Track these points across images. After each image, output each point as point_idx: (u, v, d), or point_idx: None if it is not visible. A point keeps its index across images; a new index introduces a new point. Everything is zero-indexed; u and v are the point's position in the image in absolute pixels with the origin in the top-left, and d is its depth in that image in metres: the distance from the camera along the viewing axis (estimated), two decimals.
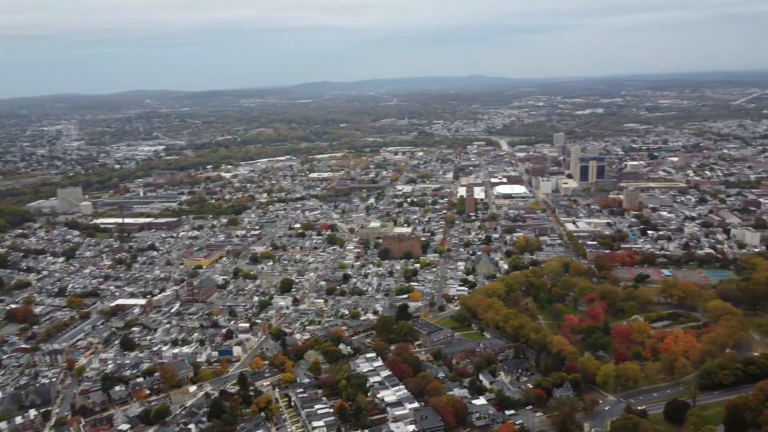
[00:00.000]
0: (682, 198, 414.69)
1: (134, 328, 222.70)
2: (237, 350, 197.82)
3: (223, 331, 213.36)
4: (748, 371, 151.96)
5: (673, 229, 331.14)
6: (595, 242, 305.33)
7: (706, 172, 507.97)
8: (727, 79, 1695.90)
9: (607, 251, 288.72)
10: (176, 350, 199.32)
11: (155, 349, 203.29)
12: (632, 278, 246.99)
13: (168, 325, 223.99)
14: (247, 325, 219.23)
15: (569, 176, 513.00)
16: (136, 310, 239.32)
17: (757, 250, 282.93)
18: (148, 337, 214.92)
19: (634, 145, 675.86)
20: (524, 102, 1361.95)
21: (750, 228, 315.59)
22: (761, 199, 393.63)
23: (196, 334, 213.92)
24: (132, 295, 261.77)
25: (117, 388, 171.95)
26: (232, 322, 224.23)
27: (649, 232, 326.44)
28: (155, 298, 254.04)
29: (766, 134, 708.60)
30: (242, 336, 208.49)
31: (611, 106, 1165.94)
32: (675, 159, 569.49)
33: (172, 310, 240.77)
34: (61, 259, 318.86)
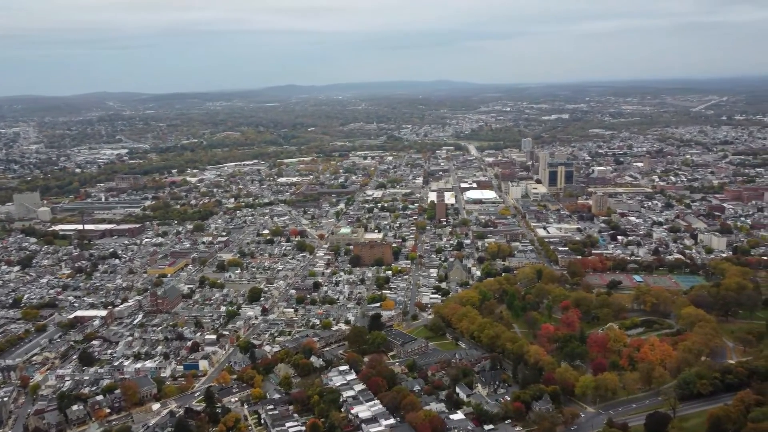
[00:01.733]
0: (649, 203, 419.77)
1: (94, 342, 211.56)
2: (203, 364, 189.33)
3: (189, 343, 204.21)
4: (726, 380, 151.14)
5: (642, 235, 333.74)
6: (566, 248, 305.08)
7: (671, 177, 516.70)
8: (686, 87, 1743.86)
9: (579, 257, 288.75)
10: (139, 365, 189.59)
11: (116, 363, 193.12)
12: (605, 284, 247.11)
13: (130, 338, 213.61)
14: (214, 336, 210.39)
15: (538, 181, 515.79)
16: (96, 322, 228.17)
17: (724, 255, 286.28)
18: (109, 351, 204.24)
19: (600, 151, 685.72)
20: (491, 107, 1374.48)
21: (716, 233, 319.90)
22: (725, 204, 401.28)
23: (159, 347, 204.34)
24: (92, 306, 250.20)
25: (74, 407, 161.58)
26: (198, 333, 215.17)
27: (619, 237, 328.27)
28: (117, 309, 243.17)
29: (725, 140, 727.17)
30: (209, 349, 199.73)
31: (576, 112, 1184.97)
32: (640, 164, 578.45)
33: (135, 322, 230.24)
34: (17, 268, 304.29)
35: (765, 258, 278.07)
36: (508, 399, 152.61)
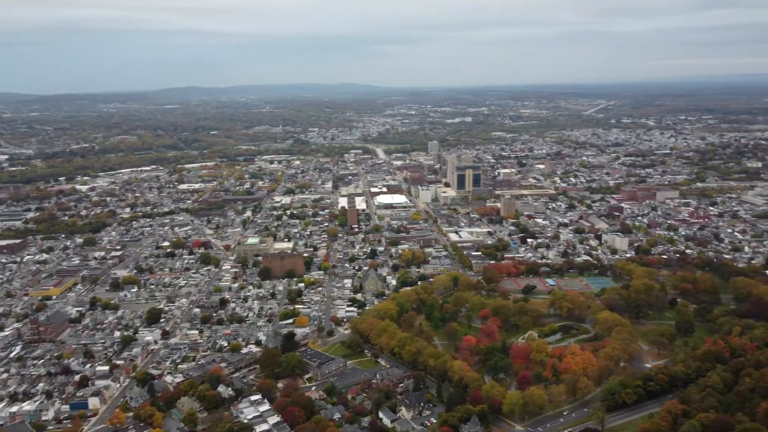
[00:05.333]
0: (553, 204, 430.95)
1: None
2: (94, 402, 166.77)
3: (77, 377, 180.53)
4: (648, 387, 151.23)
5: (549, 237, 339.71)
6: (479, 253, 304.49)
7: (571, 178, 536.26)
8: (577, 92, 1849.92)
9: (492, 261, 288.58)
10: (14, 408, 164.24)
11: None
12: (520, 289, 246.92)
13: (5, 375, 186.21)
14: (107, 368, 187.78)
15: (447, 185, 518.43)
16: None
17: (627, 255, 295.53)
18: None
19: (503, 153, 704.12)
20: (396, 110, 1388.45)
21: (618, 233, 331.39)
22: (623, 204, 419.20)
23: (41, 385, 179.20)
24: None
25: None
26: (88, 365, 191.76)
27: (529, 240, 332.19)
28: None
29: (617, 142, 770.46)
30: (100, 383, 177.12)
31: (478, 115, 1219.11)
32: (541, 166, 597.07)
33: (11, 355, 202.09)
34: None
35: (665, 257, 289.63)
36: (435, 422, 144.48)
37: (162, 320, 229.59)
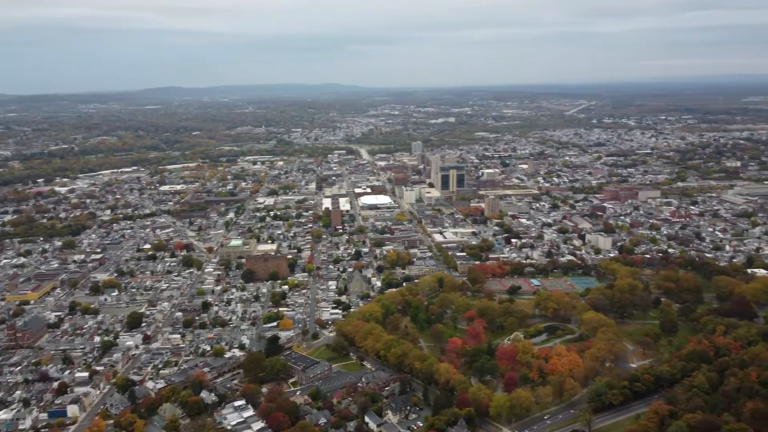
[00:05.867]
0: (537, 204, 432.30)
1: None
2: (72, 410, 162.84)
3: (55, 385, 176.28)
4: (635, 388, 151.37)
5: (534, 237, 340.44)
6: (464, 253, 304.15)
7: (554, 178, 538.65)
8: (559, 92, 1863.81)
9: (477, 262, 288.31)
10: None
11: None
12: (505, 290, 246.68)
13: None
14: (86, 374, 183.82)
15: (431, 185, 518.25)
16: None
17: (611, 255, 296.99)
18: None
19: (486, 153, 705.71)
20: (380, 110, 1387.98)
21: (602, 233, 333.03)
22: (606, 204, 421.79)
23: (18, 392, 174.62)
24: None
25: None
26: (67, 371, 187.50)
27: (513, 240, 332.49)
28: None
29: (598, 142, 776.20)
30: (79, 390, 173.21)
31: (461, 115, 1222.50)
32: (524, 166, 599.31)
33: None
34: None
35: (647, 256, 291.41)
36: (421, 425, 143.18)
37: (143, 324, 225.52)
